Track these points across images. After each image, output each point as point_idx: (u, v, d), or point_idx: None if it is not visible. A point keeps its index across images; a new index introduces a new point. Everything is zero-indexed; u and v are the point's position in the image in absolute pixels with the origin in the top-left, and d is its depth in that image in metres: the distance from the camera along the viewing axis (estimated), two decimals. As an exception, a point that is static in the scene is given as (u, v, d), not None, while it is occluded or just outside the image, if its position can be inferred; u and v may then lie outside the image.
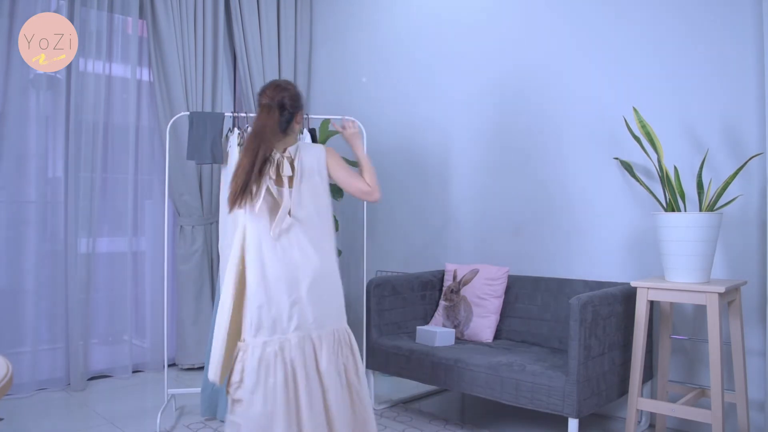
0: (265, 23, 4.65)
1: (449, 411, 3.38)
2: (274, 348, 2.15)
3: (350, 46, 4.65)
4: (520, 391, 2.77)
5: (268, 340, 2.16)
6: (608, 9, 3.26)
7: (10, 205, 3.73)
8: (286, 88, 2.33)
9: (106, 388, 3.87)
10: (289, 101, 2.31)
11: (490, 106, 3.77)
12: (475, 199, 3.84)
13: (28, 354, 3.73)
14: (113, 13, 4.07)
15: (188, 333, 4.24)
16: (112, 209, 4.15)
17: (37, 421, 3.26)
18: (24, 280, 3.75)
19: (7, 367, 1.49)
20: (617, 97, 3.20)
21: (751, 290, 2.80)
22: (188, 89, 4.22)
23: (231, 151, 3.20)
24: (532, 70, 3.57)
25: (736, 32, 2.83)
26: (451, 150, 3.96)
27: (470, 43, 3.88)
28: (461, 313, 3.44)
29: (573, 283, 3.25)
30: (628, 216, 3.19)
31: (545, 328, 3.28)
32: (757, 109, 2.78)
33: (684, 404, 2.64)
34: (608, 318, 2.79)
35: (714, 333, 2.50)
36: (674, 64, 3.02)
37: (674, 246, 2.63)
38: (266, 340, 2.16)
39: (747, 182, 2.80)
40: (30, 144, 3.79)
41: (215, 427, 3.14)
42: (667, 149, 2.89)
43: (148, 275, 4.29)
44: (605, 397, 2.80)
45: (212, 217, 4.33)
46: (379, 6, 4.47)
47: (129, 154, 4.12)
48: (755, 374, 2.79)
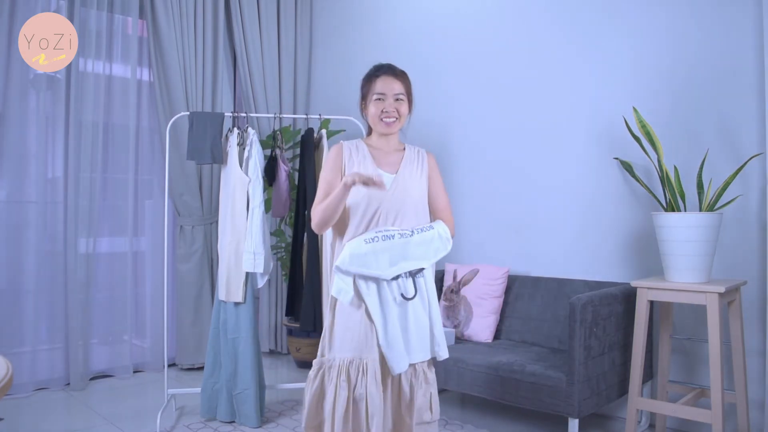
0: (265, 23, 4.65)
1: (449, 411, 3.37)
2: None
3: (350, 46, 4.65)
4: (520, 391, 2.77)
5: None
6: (608, 10, 3.25)
7: (10, 205, 3.73)
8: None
9: (106, 388, 3.87)
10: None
11: (490, 106, 3.77)
12: (475, 199, 3.84)
13: (27, 354, 3.73)
14: (113, 13, 4.07)
15: (188, 333, 4.24)
16: (112, 209, 4.15)
17: (37, 421, 3.26)
18: (24, 280, 3.75)
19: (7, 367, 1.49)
20: (617, 97, 3.20)
21: (751, 290, 2.80)
22: (188, 89, 4.22)
23: (231, 151, 3.20)
24: (532, 69, 3.57)
25: (736, 32, 2.83)
26: (451, 149, 3.96)
27: (470, 43, 3.88)
28: (461, 313, 3.44)
29: (573, 283, 3.25)
30: (628, 216, 3.19)
31: (545, 328, 3.27)
32: (756, 109, 2.77)
33: (684, 404, 2.64)
34: (608, 318, 2.79)
35: (714, 333, 2.50)
36: (674, 64, 3.02)
37: (674, 246, 2.63)
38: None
39: (747, 182, 2.80)
40: (30, 144, 3.79)
41: (215, 427, 3.14)
42: (667, 149, 2.89)
43: (148, 275, 4.29)
44: (605, 397, 2.80)
45: (212, 217, 4.33)
46: (378, 6, 4.47)
47: (129, 154, 4.12)
48: (755, 374, 2.79)
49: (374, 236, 2.02)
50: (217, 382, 3.21)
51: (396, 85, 2.11)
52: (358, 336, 2.04)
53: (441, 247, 2.11)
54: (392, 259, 2.02)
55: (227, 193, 3.22)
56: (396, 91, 2.11)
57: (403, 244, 2.03)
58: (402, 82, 2.14)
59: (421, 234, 2.07)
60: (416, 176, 2.16)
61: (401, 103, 2.12)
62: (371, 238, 2.01)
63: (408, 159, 2.18)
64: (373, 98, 2.11)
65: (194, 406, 3.42)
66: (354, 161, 2.13)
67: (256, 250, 3.10)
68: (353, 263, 2.01)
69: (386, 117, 2.11)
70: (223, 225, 3.24)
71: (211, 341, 3.23)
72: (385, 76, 2.12)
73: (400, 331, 2.03)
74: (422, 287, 2.09)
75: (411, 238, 2.04)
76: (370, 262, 2.00)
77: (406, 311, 2.06)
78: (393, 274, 2.03)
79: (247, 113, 3.68)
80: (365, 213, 2.06)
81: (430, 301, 2.11)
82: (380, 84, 2.11)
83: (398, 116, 2.12)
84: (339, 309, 2.09)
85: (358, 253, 2.01)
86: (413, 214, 2.11)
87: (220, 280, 3.21)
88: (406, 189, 2.11)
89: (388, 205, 2.07)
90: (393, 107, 2.10)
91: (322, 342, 2.13)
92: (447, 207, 2.22)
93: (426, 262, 2.08)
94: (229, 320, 3.16)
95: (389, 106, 2.09)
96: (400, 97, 2.12)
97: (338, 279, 2.04)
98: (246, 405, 3.12)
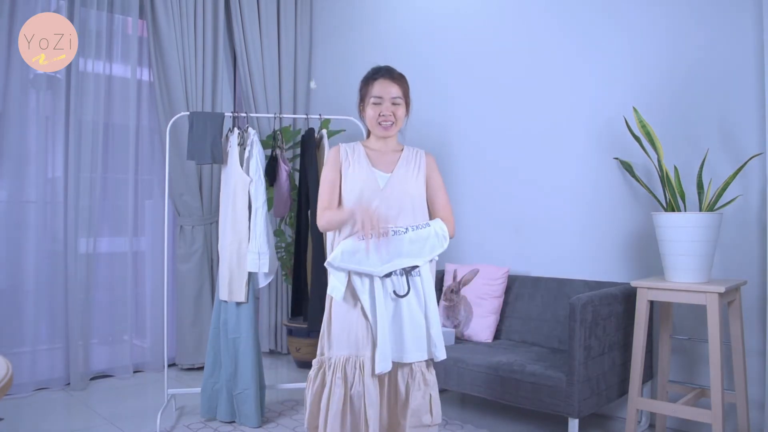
0: (265, 23, 4.65)
1: (449, 411, 3.37)
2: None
3: (350, 46, 4.65)
4: (520, 391, 2.77)
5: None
6: (608, 9, 3.25)
7: (10, 205, 3.73)
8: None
9: (106, 388, 3.87)
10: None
11: (490, 106, 3.77)
12: (475, 199, 3.84)
13: (28, 354, 3.73)
14: (113, 13, 4.07)
15: (188, 333, 4.24)
16: (112, 209, 4.15)
17: (37, 421, 3.26)
18: (24, 280, 3.75)
19: (7, 367, 1.49)
20: (617, 97, 3.20)
21: (751, 290, 2.80)
22: (188, 89, 4.22)
23: (231, 151, 3.20)
24: (532, 69, 3.57)
25: (736, 32, 2.83)
26: (451, 149, 3.96)
27: (470, 43, 3.88)
28: (461, 313, 3.44)
29: (573, 283, 3.25)
30: (628, 216, 3.19)
31: (545, 328, 3.27)
32: (756, 109, 2.77)
33: (684, 404, 2.64)
34: (608, 318, 2.79)
35: (714, 333, 2.50)
36: (674, 64, 3.02)
37: (674, 246, 2.63)
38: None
39: (747, 182, 2.80)
40: (30, 144, 3.79)
41: (215, 427, 3.14)
42: (667, 149, 2.89)
43: (148, 275, 4.29)
44: (605, 397, 2.80)
45: (212, 217, 4.33)
46: (378, 6, 4.47)
47: (129, 154, 4.12)
48: (755, 374, 2.79)
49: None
50: (217, 382, 3.21)
51: (393, 88, 2.12)
52: (355, 333, 2.05)
53: (437, 245, 2.11)
54: (384, 255, 2.02)
55: (227, 193, 3.22)
56: (393, 95, 2.12)
57: (396, 241, 2.03)
58: (399, 86, 2.14)
59: (416, 231, 2.07)
60: (412, 176, 2.17)
61: (398, 107, 2.14)
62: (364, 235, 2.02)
63: (404, 159, 2.20)
64: (370, 101, 2.13)
65: (194, 406, 3.42)
66: (350, 162, 2.16)
67: (260, 250, 3.11)
68: (345, 260, 2.02)
69: (383, 121, 2.13)
70: (223, 225, 3.24)
71: (211, 341, 3.23)
72: (383, 79, 2.13)
73: (389, 330, 2.04)
74: (418, 286, 2.09)
75: (405, 236, 2.05)
76: (361, 259, 2.01)
77: (401, 310, 2.05)
78: (385, 270, 2.03)
79: (247, 113, 3.68)
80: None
81: (427, 301, 2.10)
82: (378, 87, 2.12)
83: (395, 120, 2.14)
84: (335, 307, 2.10)
85: (350, 249, 2.02)
86: (410, 212, 2.12)
87: (221, 280, 3.21)
88: (401, 188, 2.13)
89: (381, 203, 2.08)
90: (390, 111, 2.11)
91: (321, 341, 2.14)
92: (446, 206, 2.22)
93: (420, 259, 2.08)
94: (230, 320, 3.16)
95: (386, 109, 2.11)
96: (397, 101, 2.13)
97: (332, 276, 2.06)
98: (246, 405, 3.12)
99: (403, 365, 2.07)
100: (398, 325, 2.05)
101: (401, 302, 2.06)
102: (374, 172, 2.14)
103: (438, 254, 2.13)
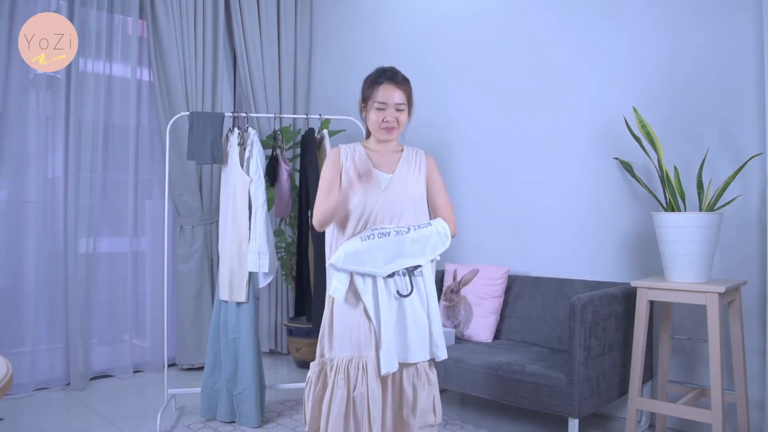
0: (265, 23, 4.65)
1: (449, 411, 3.37)
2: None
3: (350, 46, 4.65)
4: (520, 391, 2.77)
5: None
6: (608, 9, 3.25)
7: (10, 205, 3.73)
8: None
9: (106, 388, 3.87)
10: None
11: (490, 106, 3.77)
12: (475, 199, 3.84)
13: (27, 354, 3.73)
14: (113, 13, 4.07)
15: (188, 333, 4.24)
16: (112, 209, 4.15)
17: (37, 421, 3.26)
18: (24, 280, 3.75)
19: (7, 367, 1.49)
20: (617, 97, 3.20)
21: (751, 290, 2.80)
22: (188, 89, 4.22)
23: (231, 151, 3.20)
24: (532, 69, 3.57)
25: (736, 32, 2.83)
26: (451, 149, 3.96)
27: (470, 43, 3.88)
28: (461, 313, 3.44)
29: (573, 283, 3.25)
30: (628, 216, 3.19)
31: (545, 328, 3.27)
32: (756, 109, 2.77)
33: (684, 404, 2.64)
34: (608, 318, 2.79)
35: (714, 333, 2.50)
36: (674, 64, 3.02)
37: (674, 246, 2.63)
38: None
39: (747, 182, 2.80)
40: (30, 144, 3.79)
41: (215, 427, 3.14)
42: (667, 149, 2.89)
43: (148, 275, 4.29)
44: (605, 397, 2.80)
45: (212, 217, 4.33)
46: (378, 6, 4.47)
47: (129, 154, 4.12)
48: (755, 374, 2.79)
49: (370, 234, 2.03)
50: (217, 382, 3.21)
51: (397, 94, 2.12)
52: (357, 334, 2.04)
53: (439, 244, 2.11)
54: (387, 256, 2.02)
55: (228, 193, 3.22)
56: (397, 101, 2.12)
57: (398, 241, 2.03)
58: (404, 91, 2.15)
59: (418, 231, 2.07)
60: (413, 176, 2.17)
61: (402, 113, 2.14)
62: (367, 235, 2.03)
63: (405, 159, 2.20)
64: (374, 106, 2.13)
65: (194, 406, 3.42)
66: (350, 162, 2.16)
67: (260, 250, 3.11)
68: (348, 261, 2.02)
69: (386, 126, 2.13)
70: (223, 225, 3.24)
71: (211, 341, 3.23)
72: (388, 84, 2.13)
73: (394, 331, 2.04)
74: (420, 286, 2.09)
75: (407, 235, 2.05)
76: (365, 259, 2.01)
77: (404, 310, 2.06)
78: (388, 271, 2.03)
79: (247, 113, 3.68)
80: (362, 213, 2.08)
81: (429, 301, 2.11)
82: (382, 93, 2.12)
83: (398, 125, 2.15)
84: (337, 308, 2.10)
85: (353, 250, 2.02)
86: (411, 213, 2.12)
87: (221, 281, 3.21)
88: (403, 189, 2.13)
89: (384, 204, 2.09)
90: (393, 117, 2.12)
91: (320, 342, 2.13)
92: (447, 205, 2.22)
93: (423, 259, 2.09)
94: (230, 320, 3.16)
95: (390, 116, 2.12)
96: (401, 107, 2.13)
97: (333, 277, 2.06)
98: (246, 405, 3.12)
99: (408, 365, 2.07)
100: (402, 325, 2.05)
101: (404, 302, 2.06)
102: (376, 173, 2.14)
103: (440, 253, 2.13)
